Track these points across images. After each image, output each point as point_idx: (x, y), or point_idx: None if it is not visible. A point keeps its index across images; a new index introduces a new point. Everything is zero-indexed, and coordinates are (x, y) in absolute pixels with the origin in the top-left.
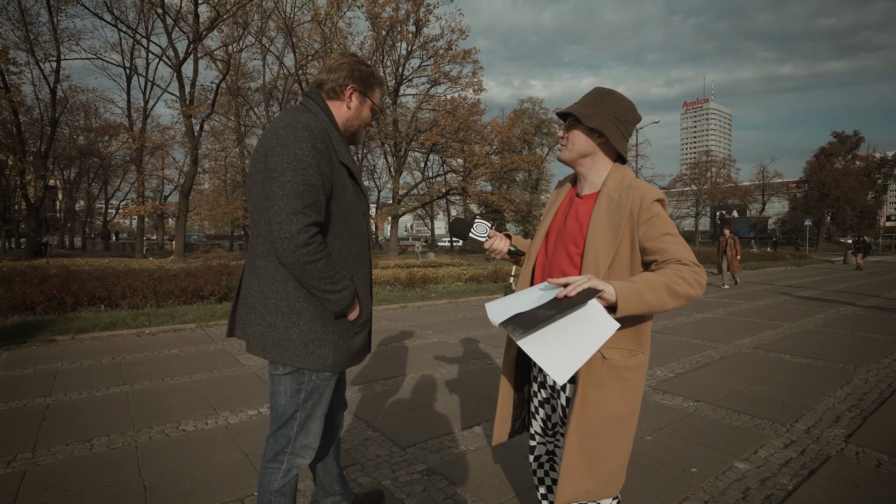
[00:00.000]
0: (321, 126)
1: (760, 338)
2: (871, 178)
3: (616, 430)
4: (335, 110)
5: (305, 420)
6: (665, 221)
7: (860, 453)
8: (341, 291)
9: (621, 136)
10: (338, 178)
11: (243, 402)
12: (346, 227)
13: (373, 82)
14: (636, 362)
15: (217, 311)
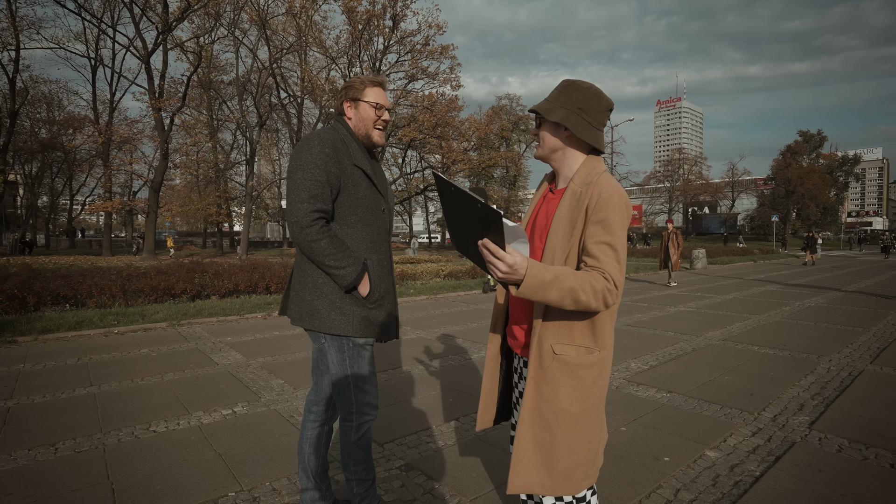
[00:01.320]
0: (336, 137)
1: (730, 330)
2: (833, 176)
3: (569, 426)
4: (349, 124)
5: (357, 381)
6: (611, 228)
7: (823, 439)
8: (345, 268)
9: (588, 127)
10: (349, 177)
11: (217, 401)
12: (359, 218)
13: (358, 87)
14: (591, 360)
15: (189, 309)
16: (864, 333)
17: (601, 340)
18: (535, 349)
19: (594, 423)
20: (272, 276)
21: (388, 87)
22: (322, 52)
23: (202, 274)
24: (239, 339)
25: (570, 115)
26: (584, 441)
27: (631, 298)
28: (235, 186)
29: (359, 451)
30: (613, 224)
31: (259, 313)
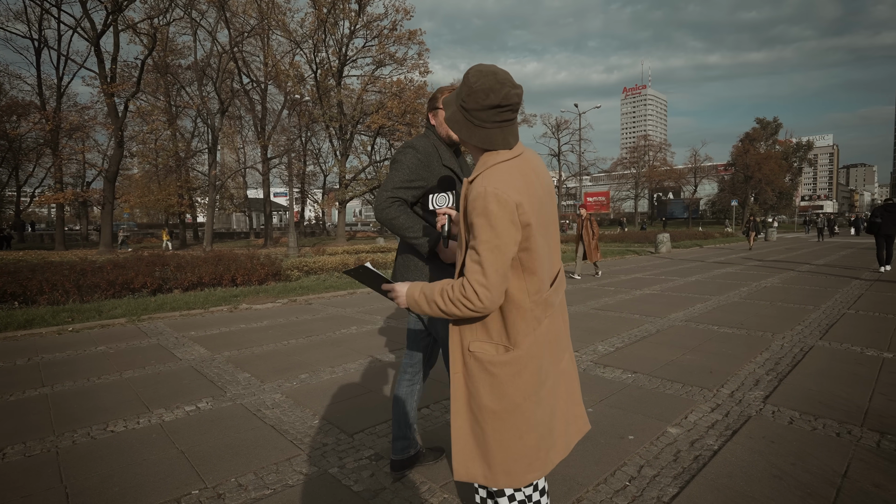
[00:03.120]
0: (428, 143)
1: (692, 311)
2: (788, 162)
3: (494, 423)
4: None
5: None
6: (476, 230)
7: (776, 412)
8: (420, 238)
9: (467, 125)
10: (438, 177)
11: (180, 398)
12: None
13: (437, 96)
14: (506, 358)
15: (150, 303)
16: (814, 311)
17: (514, 339)
18: (457, 346)
19: (521, 421)
20: (238, 268)
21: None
22: (286, 36)
23: (163, 267)
24: (203, 334)
25: (455, 113)
26: (514, 437)
27: (591, 284)
28: (198, 176)
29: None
30: (477, 226)
31: (225, 306)
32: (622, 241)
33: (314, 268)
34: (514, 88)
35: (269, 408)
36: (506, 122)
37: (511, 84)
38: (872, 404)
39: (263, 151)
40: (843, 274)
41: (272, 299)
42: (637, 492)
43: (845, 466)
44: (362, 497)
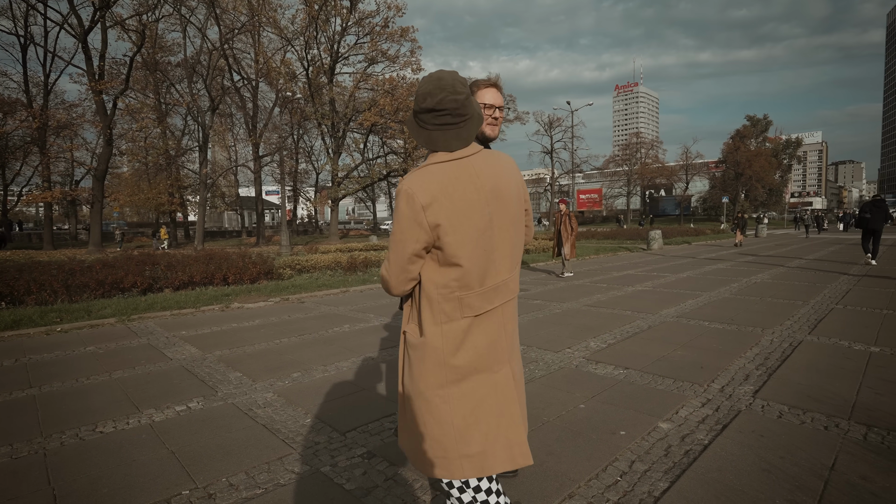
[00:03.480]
0: None
1: (683, 307)
2: (778, 159)
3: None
4: None
5: None
6: (392, 222)
7: (765, 406)
8: None
9: (414, 126)
10: None
11: (170, 398)
12: None
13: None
14: (416, 342)
15: (140, 303)
16: (803, 306)
17: (422, 326)
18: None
19: (424, 410)
20: (230, 267)
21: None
22: (277, 33)
23: (153, 266)
24: (194, 333)
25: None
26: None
27: (583, 281)
28: (188, 174)
29: None
30: (393, 219)
31: (216, 305)
32: (615, 238)
33: (307, 266)
34: (453, 94)
35: (261, 407)
36: (447, 126)
37: (451, 90)
38: (860, 398)
39: (255, 149)
40: (832, 269)
41: (264, 298)
42: (628, 487)
43: (833, 459)
44: (354, 495)
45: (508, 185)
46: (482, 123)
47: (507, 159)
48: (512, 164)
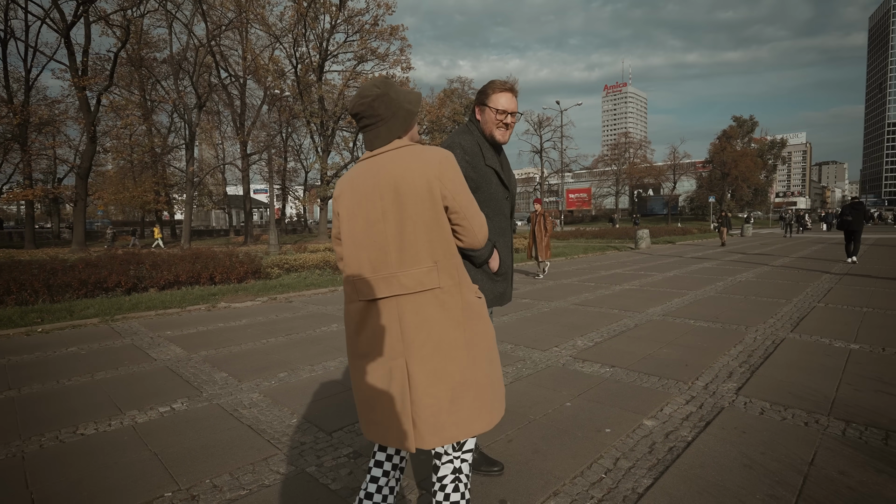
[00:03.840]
0: (473, 141)
1: (669, 305)
2: (763, 159)
3: None
4: (480, 126)
5: None
6: None
7: (748, 403)
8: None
9: None
10: (483, 177)
11: (154, 399)
12: (490, 210)
13: (487, 91)
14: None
15: (125, 303)
16: (786, 304)
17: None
18: None
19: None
20: (216, 266)
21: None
22: (265, 30)
23: (138, 265)
24: (180, 333)
25: None
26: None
27: (572, 280)
28: (175, 172)
29: None
30: None
31: (202, 305)
32: (603, 237)
33: (295, 265)
34: (360, 99)
35: (247, 407)
36: (366, 128)
37: (360, 95)
38: (839, 394)
39: (243, 147)
40: (815, 268)
41: (251, 297)
42: (613, 484)
43: (812, 454)
44: (340, 495)
45: (412, 183)
46: (412, 118)
47: (430, 157)
48: (433, 161)
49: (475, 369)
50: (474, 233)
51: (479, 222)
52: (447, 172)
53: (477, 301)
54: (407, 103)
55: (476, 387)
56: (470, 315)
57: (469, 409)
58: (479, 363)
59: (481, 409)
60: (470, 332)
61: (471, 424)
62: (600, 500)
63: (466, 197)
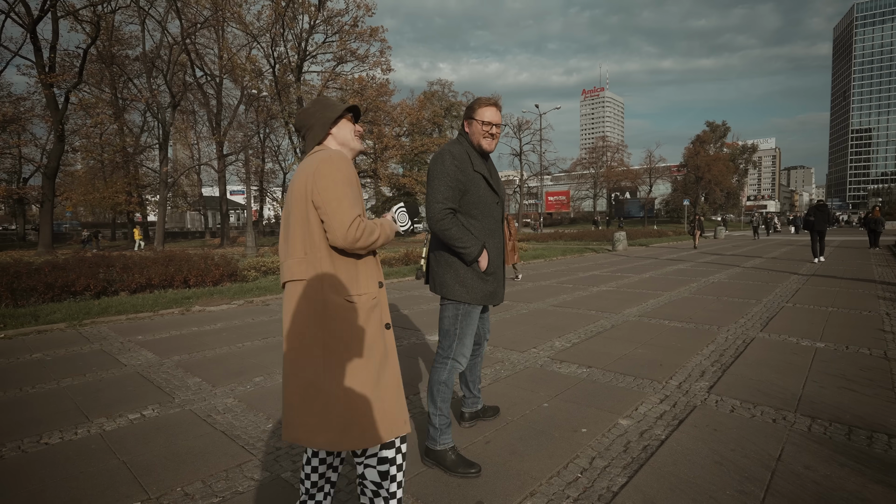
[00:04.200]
0: (462, 150)
1: (645, 307)
2: (735, 163)
3: None
4: (468, 137)
5: (461, 336)
6: None
7: (719, 401)
8: (468, 248)
9: None
10: (472, 181)
11: (123, 405)
12: (479, 212)
13: (474, 107)
14: None
15: (94, 307)
16: (756, 305)
17: None
18: None
19: None
20: (191, 269)
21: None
22: (242, 29)
23: (108, 268)
24: (151, 338)
25: None
26: None
27: (550, 282)
28: (148, 172)
29: (447, 389)
30: None
31: (176, 308)
32: (581, 240)
33: (272, 268)
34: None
35: (221, 413)
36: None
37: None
38: (805, 391)
39: (219, 148)
40: (784, 269)
41: (227, 301)
42: (588, 483)
43: (780, 450)
44: None
45: (295, 184)
46: (328, 124)
47: (312, 161)
48: (313, 164)
49: (329, 377)
50: (333, 229)
51: (339, 220)
52: (320, 170)
53: (348, 306)
54: (327, 111)
55: (327, 396)
56: (332, 317)
57: (317, 418)
58: (334, 372)
59: (329, 424)
60: (329, 334)
61: (315, 435)
62: (576, 500)
63: (333, 195)
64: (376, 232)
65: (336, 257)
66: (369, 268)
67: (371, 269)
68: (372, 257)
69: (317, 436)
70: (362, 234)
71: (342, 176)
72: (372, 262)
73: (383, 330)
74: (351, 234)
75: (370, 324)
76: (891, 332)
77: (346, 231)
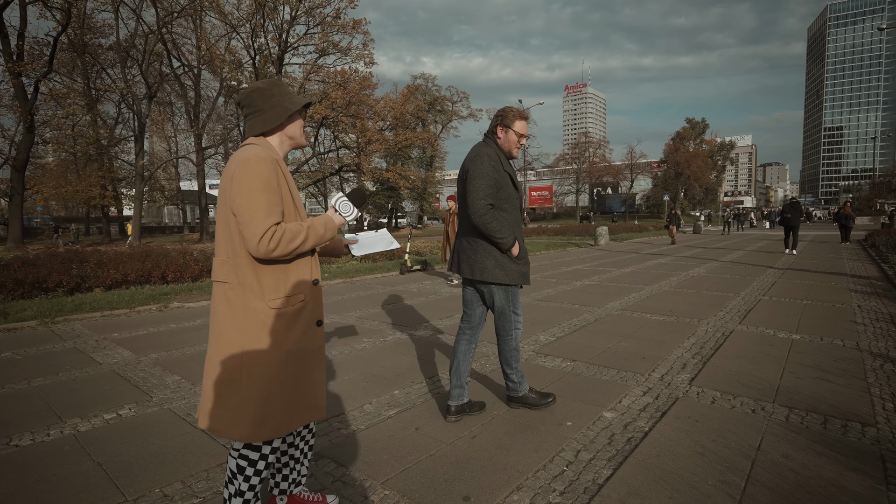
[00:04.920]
0: (493, 152)
1: (627, 300)
2: (713, 160)
3: None
4: (499, 142)
5: (514, 309)
6: None
7: (700, 393)
8: (505, 238)
9: None
10: (503, 180)
11: (98, 405)
12: (509, 206)
13: (511, 118)
14: None
15: (67, 304)
16: (734, 298)
17: None
18: None
19: None
20: (168, 264)
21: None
22: (220, 19)
23: (81, 264)
24: (128, 335)
25: None
26: None
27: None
28: (123, 165)
29: (516, 353)
30: None
31: (153, 305)
32: (564, 234)
33: None
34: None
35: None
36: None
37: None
38: (783, 382)
39: (197, 140)
40: (761, 263)
41: (207, 296)
42: (574, 476)
43: (759, 440)
44: None
45: (222, 182)
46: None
47: (235, 158)
48: (235, 162)
49: (247, 376)
50: (247, 240)
51: (251, 231)
52: (235, 176)
53: (270, 312)
54: (288, 102)
55: (245, 393)
56: (251, 321)
57: (232, 411)
58: (252, 373)
59: (246, 418)
60: (248, 337)
61: (231, 427)
62: (562, 493)
63: (246, 204)
64: (300, 236)
65: (258, 264)
66: (301, 268)
67: (304, 270)
68: (308, 257)
69: (232, 428)
70: (278, 244)
71: (259, 182)
72: (306, 262)
73: (313, 329)
74: (263, 245)
75: (295, 326)
76: (862, 323)
77: (257, 243)
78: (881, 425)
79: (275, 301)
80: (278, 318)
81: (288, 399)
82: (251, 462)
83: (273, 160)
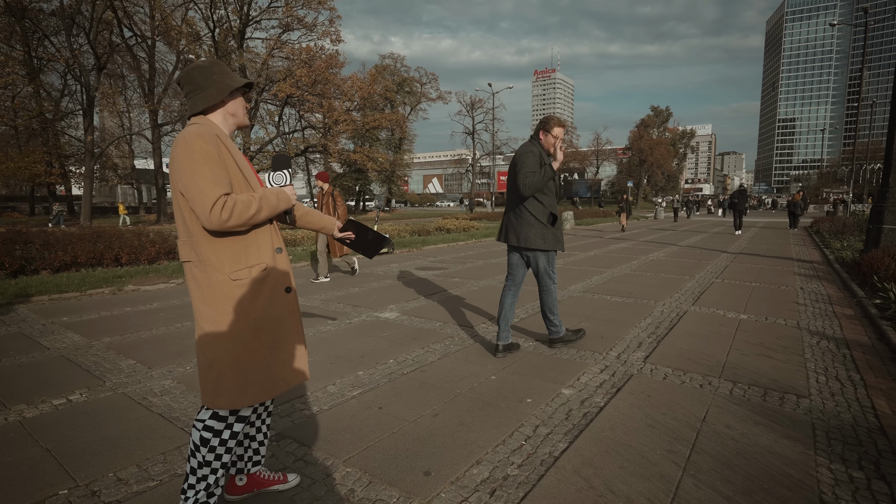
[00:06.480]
0: (537, 150)
1: (589, 283)
2: (675, 148)
3: None
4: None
5: (552, 269)
6: None
7: (653, 370)
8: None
9: None
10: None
11: (46, 391)
12: (549, 190)
13: (551, 124)
14: None
15: (9, 287)
16: (689, 280)
17: None
18: None
19: None
20: (122, 246)
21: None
22: None
23: (26, 245)
24: (79, 319)
25: None
26: None
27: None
28: (71, 141)
29: (556, 303)
30: None
31: (106, 288)
32: None
33: None
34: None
35: (157, 395)
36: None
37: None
38: (729, 359)
39: (153, 116)
40: (715, 248)
41: (164, 279)
42: (532, 449)
43: (705, 412)
44: None
45: (170, 164)
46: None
47: (180, 137)
48: (176, 142)
49: (221, 348)
50: (198, 214)
51: (200, 204)
52: (174, 155)
53: (230, 283)
54: (229, 79)
55: (220, 365)
56: (216, 294)
57: (214, 383)
58: (224, 343)
59: (224, 387)
60: (216, 311)
61: (214, 398)
62: (520, 465)
63: (191, 179)
64: (252, 206)
65: (214, 239)
66: (261, 238)
67: (263, 239)
68: (268, 226)
69: (216, 398)
70: (231, 214)
71: (199, 156)
72: (265, 231)
73: (281, 296)
74: (216, 216)
75: (261, 294)
76: (803, 304)
77: (209, 214)
78: (814, 397)
79: (236, 272)
80: (241, 288)
81: (267, 364)
82: (216, 432)
83: (213, 135)
